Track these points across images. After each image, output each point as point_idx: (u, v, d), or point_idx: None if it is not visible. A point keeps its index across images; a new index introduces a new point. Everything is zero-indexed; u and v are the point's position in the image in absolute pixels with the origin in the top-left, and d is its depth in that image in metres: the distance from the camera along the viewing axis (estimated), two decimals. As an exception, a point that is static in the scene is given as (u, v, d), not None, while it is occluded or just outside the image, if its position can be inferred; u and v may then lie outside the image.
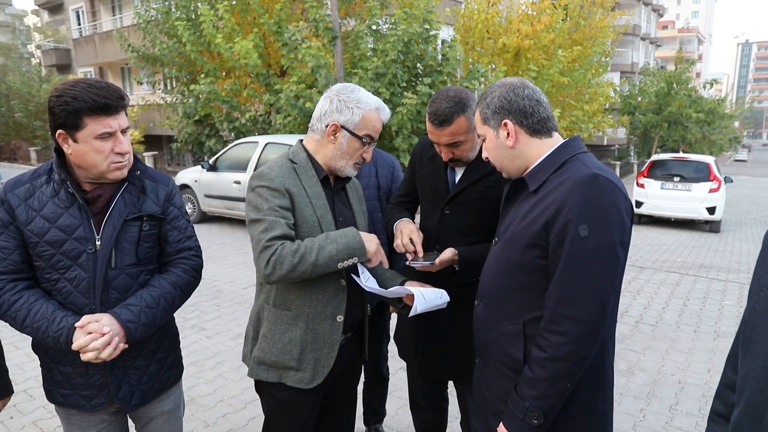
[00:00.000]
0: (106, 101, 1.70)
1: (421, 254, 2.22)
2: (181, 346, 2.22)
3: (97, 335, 1.71)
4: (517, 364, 1.69)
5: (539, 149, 1.74)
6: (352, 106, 2.03)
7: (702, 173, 12.93)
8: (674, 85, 26.44)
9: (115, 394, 1.90)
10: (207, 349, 4.93)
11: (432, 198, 2.40)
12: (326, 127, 2.05)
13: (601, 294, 1.53)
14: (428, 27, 12.19)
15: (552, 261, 1.59)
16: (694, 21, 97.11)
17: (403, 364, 2.73)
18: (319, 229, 2.01)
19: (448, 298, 2.14)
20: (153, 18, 15.22)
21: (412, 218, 2.53)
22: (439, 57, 12.51)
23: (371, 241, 2.02)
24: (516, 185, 1.82)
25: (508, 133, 1.74)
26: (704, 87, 27.61)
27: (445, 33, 15.62)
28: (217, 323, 5.60)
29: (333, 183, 2.17)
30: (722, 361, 5.02)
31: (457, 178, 2.33)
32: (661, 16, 49.54)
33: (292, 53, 11.76)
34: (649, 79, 28.68)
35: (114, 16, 29.18)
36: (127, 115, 1.83)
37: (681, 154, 14.35)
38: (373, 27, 12.63)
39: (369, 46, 12.45)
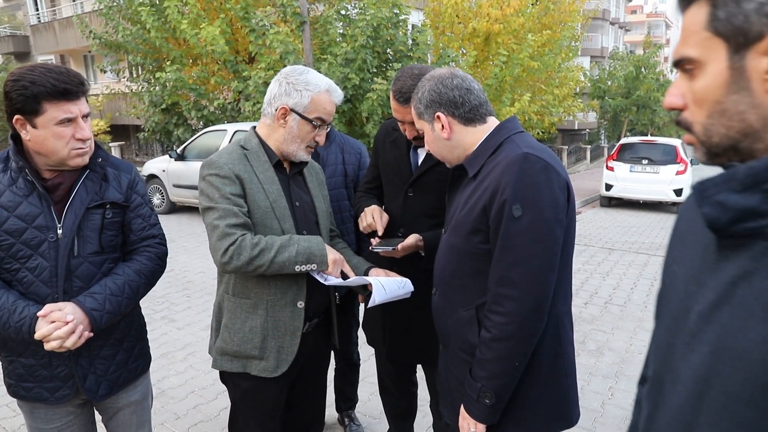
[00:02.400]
0: (66, 86, 1.66)
1: (380, 232, 2.23)
2: (151, 338, 2.19)
3: (60, 324, 1.67)
4: (474, 349, 1.69)
5: (475, 136, 1.75)
6: (301, 88, 1.99)
7: (669, 156, 13.16)
8: (643, 70, 26.81)
9: (81, 384, 1.86)
10: (177, 340, 4.88)
11: (395, 181, 2.40)
12: (276, 110, 2.02)
13: (539, 272, 1.55)
14: (398, 11, 12.11)
15: (493, 244, 1.61)
16: (661, 6, 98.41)
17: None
18: (272, 214, 1.99)
19: (411, 288, 2.14)
20: (115, 3, 14.81)
21: (381, 205, 2.53)
22: (410, 42, 12.46)
23: (333, 253, 2.02)
24: (457, 172, 1.83)
25: (442, 126, 1.75)
26: (672, 71, 28.08)
27: (415, 18, 15.56)
28: (188, 314, 5.54)
29: (288, 168, 2.15)
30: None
31: (420, 160, 2.32)
32: (629, 0, 50.10)
33: (260, 39, 11.57)
34: (618, 64, 29.02)
35: (74, 1, 28.35)
36: (87, 101, 1.79)
37: (649, 138, 14.59)
38: (342, 12, 12.50)
39: (338, 31, 12.33)
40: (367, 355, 4.09)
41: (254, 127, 2.14)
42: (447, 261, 1.80)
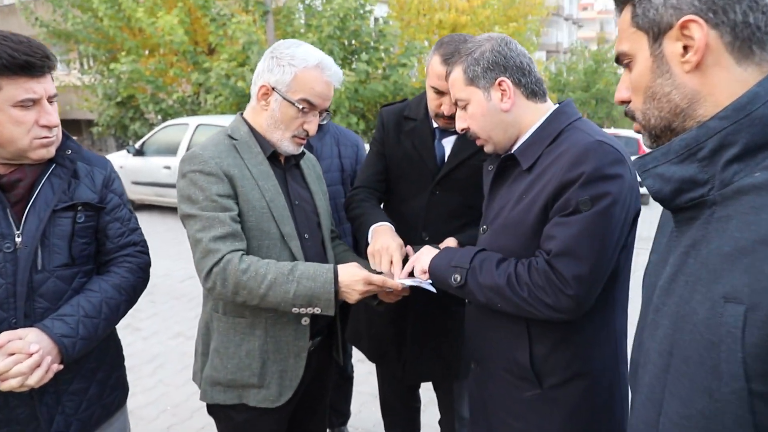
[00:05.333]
0: (28, 58, 1.37)
1: (398, 276, 1.80)
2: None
3: (22, 356, 1.36)
4: (523, 370, 1.47)
5: (533, 116, 1.51)
6: (285, 63, 1.67)
7: (632, 148, 13.39)
8: (603, 64, 27.44)
9: (47, 427, 1.53)
10: (144, 351, 4.50)
11: (415, 177, 2.08)
12: (258, 90, 1.73)
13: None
14: (363, 2, 11.95)
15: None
16: (612, 3, 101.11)
17: (362, 356, 2.49)
18: (269, 215, 1.70)
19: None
20: (63, -12, 14.19)
21: (379, 206, 2.20)
22: (374, 33, 12.33)
23: (357, 284, 1.64)
24: (505, 163, 1.56)
25: (502, 94, 1.48)
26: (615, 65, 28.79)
27: (380, 11, 15.40)
28: (154, 322, 5.16)
29: (284, 160, 1.85)
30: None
31: (447, 153, 2.03)
32: (582, -3, 51.17)
33: (220, 29, 11.35)
34: (575, 58, 29.67)
35: (18, -13, 27.05)
36: (53, 80, 1.47)
37: (613, 130, 14.78)
38: (306, 1, 12.29)
39: (301, 21, 12.12)
40: (355, 362, 3.83)
41: (242, 113, 1.85)
42: None
